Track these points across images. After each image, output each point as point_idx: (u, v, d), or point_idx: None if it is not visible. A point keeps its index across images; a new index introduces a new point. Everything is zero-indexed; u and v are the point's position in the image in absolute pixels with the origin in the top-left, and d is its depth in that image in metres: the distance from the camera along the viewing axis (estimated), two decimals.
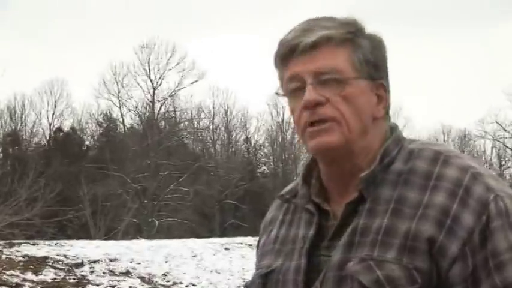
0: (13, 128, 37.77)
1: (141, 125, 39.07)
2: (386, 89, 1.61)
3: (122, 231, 31.32)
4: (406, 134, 1.67)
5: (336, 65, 1.54)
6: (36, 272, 14.37)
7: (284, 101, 1.63)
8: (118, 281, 14.63)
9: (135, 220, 34.44)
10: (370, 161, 1.57)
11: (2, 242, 16.82)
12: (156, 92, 38.08)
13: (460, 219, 1.47)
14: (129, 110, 38.82)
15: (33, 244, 16.74)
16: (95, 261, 15.36)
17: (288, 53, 1.57)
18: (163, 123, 39.64)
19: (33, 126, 38.50)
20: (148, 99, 38.41)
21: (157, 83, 38.00)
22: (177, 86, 38.40)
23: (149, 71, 38.11)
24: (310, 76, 1.54)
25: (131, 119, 39.75)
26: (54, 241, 18.15)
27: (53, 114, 38.68)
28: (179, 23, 50.51)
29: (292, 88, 1.57)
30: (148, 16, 54.42)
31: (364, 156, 1.58)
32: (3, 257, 14.98)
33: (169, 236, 26.64)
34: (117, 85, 38.34)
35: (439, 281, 1.47)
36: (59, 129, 38.56)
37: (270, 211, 1.79)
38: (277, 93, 1.62)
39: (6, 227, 27.05)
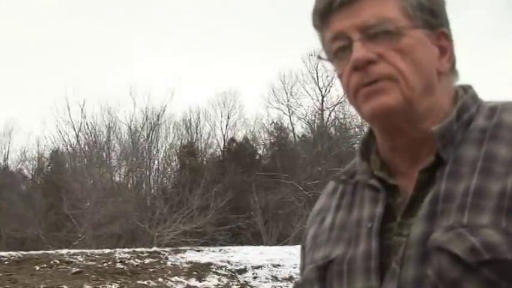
0: (189, 140, 38.77)
1: (311, 133, 39.18)
2: (449, 38, 1.37)
3: (294, 238, 31.21)
4: None
5: (385, 14, 1.31)
6: (200, 278, 14.73)
7: (330, 66, 1.41)
8: (281, 286, 14.72)
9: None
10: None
11: (167, 249, 17.34)
12: (324, 99, 37.99)
13: None
14: (299, 118, 39.07)
15: (198, 251, 17.07)
16: (258, 267, 15.62)
17: (325, 9, 1.36)
18: (332, 130, 39.49)
19: (208, 137, 39.32)
20: (317, 107, 38.39)
21: (326, 90, 37.82)
22: None
23: (317, 78, 37.99)
24: (356, 32, 1.32)
25: (302, 127, 39.96)
26: (218, 247, 18.61)
27: (227, 125, 39.34)
28: None
29: (337, 48, 1.36)
30: None
31: (433, 119, 1.33)
32: (168, 263, 15.47)
33: None
34: (286, 94, 38.54)
35: None
36: (233, 139, 39.25)
37: (318, 202, 1.57)
38: (319, 58, 1.42)
39: (180, 235, 28.43)
